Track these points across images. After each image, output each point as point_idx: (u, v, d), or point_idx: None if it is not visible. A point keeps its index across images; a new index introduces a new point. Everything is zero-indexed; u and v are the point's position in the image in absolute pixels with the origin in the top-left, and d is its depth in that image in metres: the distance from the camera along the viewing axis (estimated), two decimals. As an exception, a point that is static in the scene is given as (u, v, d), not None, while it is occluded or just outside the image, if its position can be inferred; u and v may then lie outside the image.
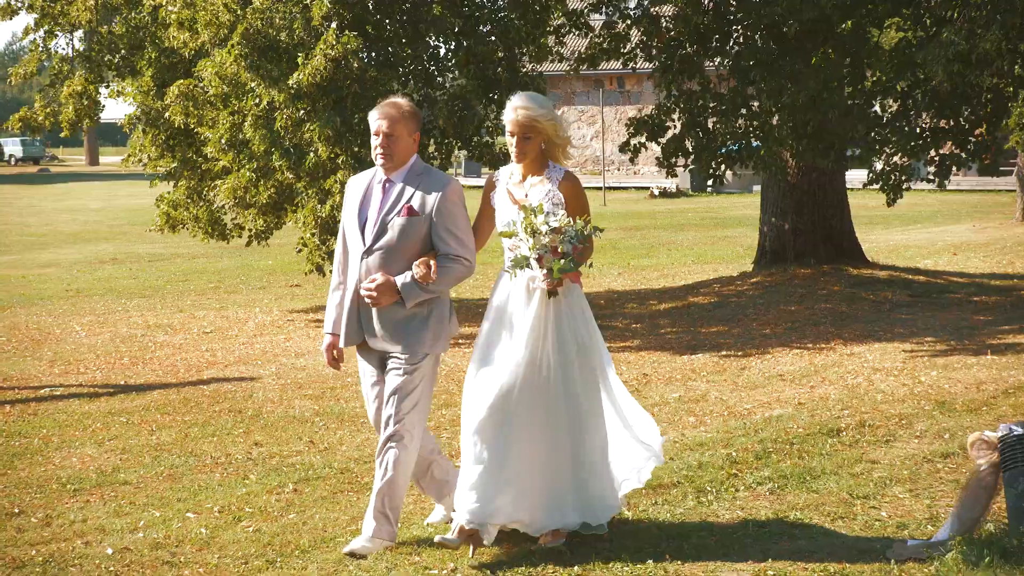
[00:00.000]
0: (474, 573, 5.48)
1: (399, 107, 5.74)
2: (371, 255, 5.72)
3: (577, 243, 5.59)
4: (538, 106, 5.77)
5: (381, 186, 5.77)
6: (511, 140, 5.79)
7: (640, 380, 9.88)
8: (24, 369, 11.31)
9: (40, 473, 7.51)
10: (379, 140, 5.70)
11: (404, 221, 5.68)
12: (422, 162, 5.83)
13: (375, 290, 5.65)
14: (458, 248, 5.72)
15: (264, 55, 11.66)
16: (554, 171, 5.79)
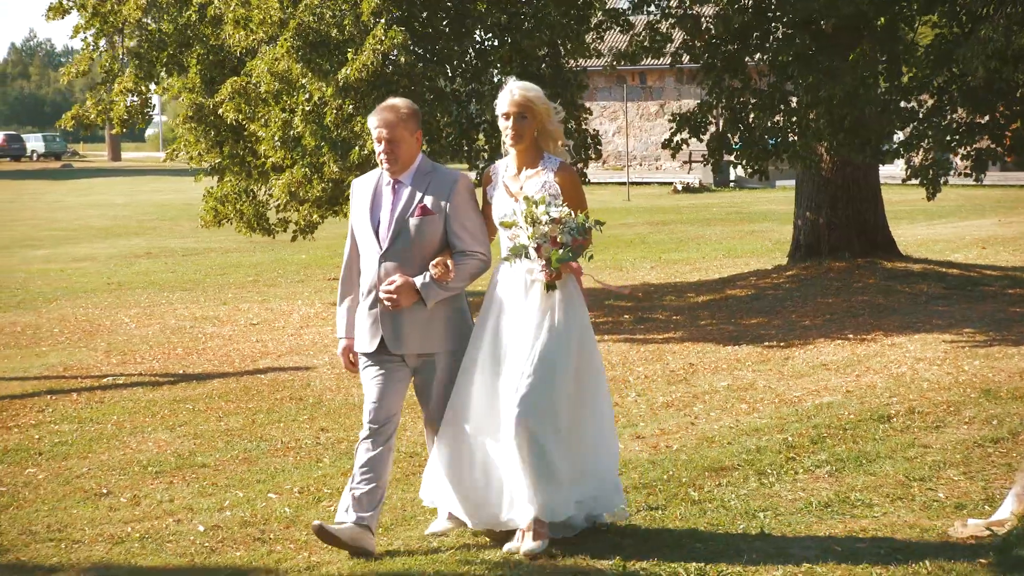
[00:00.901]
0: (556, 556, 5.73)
1: (397, 110, 5.70)
2: (388, 257, 5.68)
3: (577, 235, 5.57)
4: (532, 88, 5.79)
5: (391, 188, 5.74)
6: (506, 123, 5.76)
7: (687, 369, 10.13)
8: (82, 359, 11.59)
9: (120, 456, 7.79)
10: (382, 146, 5.66)
11: (420, 220, 5.66)
12: (428, 160, 5.82)
13: (394, 292, 5.61)
14: (472, 243, 5.73)
15: (315, 50, 11.91)
16: (549, 162, 5.79)
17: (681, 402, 8.88)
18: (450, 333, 5.75)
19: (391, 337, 5.70)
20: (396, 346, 5.70)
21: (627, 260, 18.98)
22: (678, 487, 6.67)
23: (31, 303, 15.85)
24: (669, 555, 5.63)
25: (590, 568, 5.53)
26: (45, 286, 17.72)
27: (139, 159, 70.44)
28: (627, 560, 5.55)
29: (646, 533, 5.95)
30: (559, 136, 5.86)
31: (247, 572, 5.58)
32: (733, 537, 5.86)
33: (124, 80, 13.74)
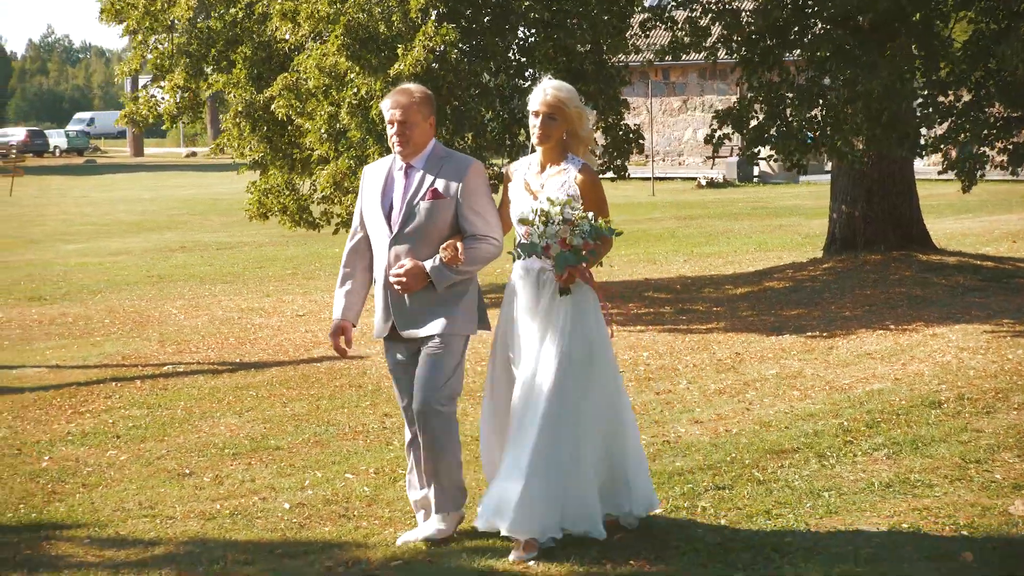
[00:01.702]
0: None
1: (410, 93, 5.70)
2: (399, 241, 5.67)
3: (589, 239, 5.51)
4: (566, 90, 5.74)
5: (403, 172, 5.72)
6: (535, 121, 5.71)
7: (734, 358, 10.35)
8: (137, 349, 11.85)
9: (195, 439, 8.05)
10: (394, 128, 5.65)
11: (430, 204, 5.63)
12: (442, 146, 5.81)
13: (404, 275, 5.61)
14: (484, 228, 5.68)
15: (364, 46, 12.16)
16: (572, 162, 5.76)
17: (733, 389, 9.11)
18: (457, 317, 5.70)
19: (400, 321, 5.71)
20: (405, 329, 5.70)
21: (659, 254, 19.20)
22: (742, 468, 6.91)
23: (76, 295, 16.13)
24: (740, 531, 5.87)
25: (669, 543, 5.76)
26: (87, 279, 18.00)
27: (160, 155, 70.79)
28: (704, 534, 5.80)
29: (716, 510, 6.18)
30: (589, 142, 5.83)
31: (339, 546, 5.83)
32: (801, 514, 6.10)
33: (175, 77, 13.98)
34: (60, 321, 13.77)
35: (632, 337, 11.57)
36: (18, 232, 26.66)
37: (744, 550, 5.62)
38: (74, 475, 7.21)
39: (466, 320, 5.75)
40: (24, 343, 12.38)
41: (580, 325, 5.66)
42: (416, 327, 5.68)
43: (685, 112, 41.79)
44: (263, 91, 13.72)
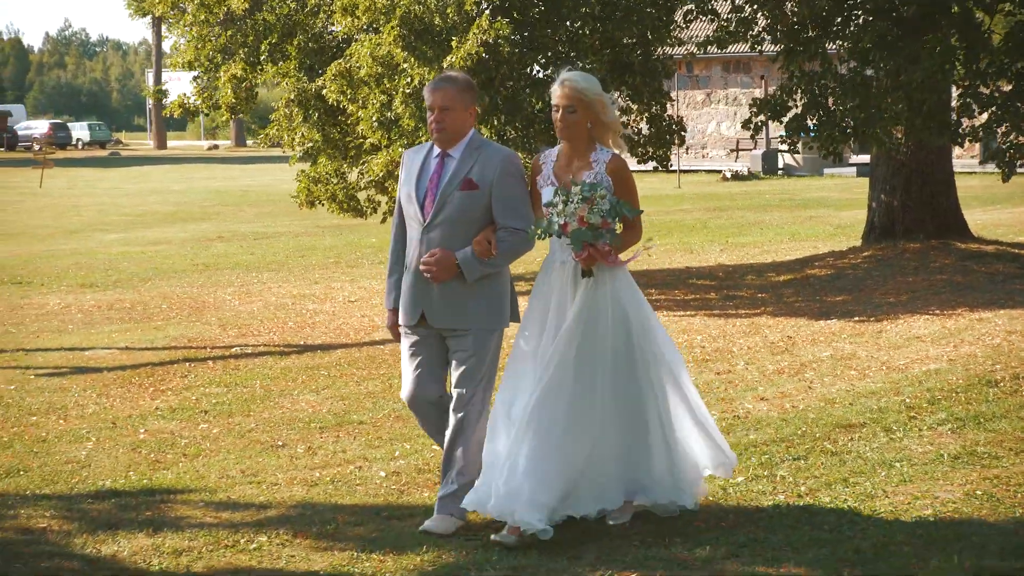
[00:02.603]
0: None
1: (454, 81, 5.73)
2: (432, 230, 5.67)
3: (608, 218, 5.46)
4: (583, 79, 5.69)
5: (439, 160, 5.72)
6: (556, 115, 5.70)
7: (786, 341, 10.63)
8: (200, 332, 12.18)
9: (279, 414, 8.38)
10: (434, 115, 5.66)
11: (464, 195, 5.63)
12: (480, 136, 5.80)
13: (434, 265, 5.61)
14: (517, 221, 5.66)
15: (420, 37, 12.47)
16: (601, 153, 5.71)
17: (791, 369, 9.40)
18: (488, 311, 5.71)
19: (431, 310, 5.70)
20: (435, 319, 5.71)
21: (695, 243, 19.48)
22: (813, 441, 7.21)
23: (127, 282, 16.47)
24: (822, 496, 6.18)
25: (750, 507, 6.07)
26: (133, 267, 18.33)
27: (182, 147, 71.25)
28: (787, 501, 6.10)
29: (795, 478, 6.49)
30: (615, 127, 5.77)
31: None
32: (877, 482, 6.40)
33: (232, 67, 14.30)
34: (117, 307, 14.11)
35: (683, 322, 11.87)
36: (56, 222, 27.03)
37: (828, 513, 5.92)
38: (172, 446, 7.55)
39: (497, 314, 5.75)
40: (87, 327, 12.72)
41: (621, 314, 5.62)
42: (447, 318, 5.70)
43: (709, 105, 42.02)
44: (315, 80, 14.04)
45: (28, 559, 5.51)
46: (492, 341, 5.75)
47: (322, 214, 26.77)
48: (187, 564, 5.43)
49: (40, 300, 14.77)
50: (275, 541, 5.70)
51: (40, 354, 11.04)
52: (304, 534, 5.75)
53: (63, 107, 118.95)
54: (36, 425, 8.20)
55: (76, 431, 7.97)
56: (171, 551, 5.58)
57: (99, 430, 8.00)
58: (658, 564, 5.33)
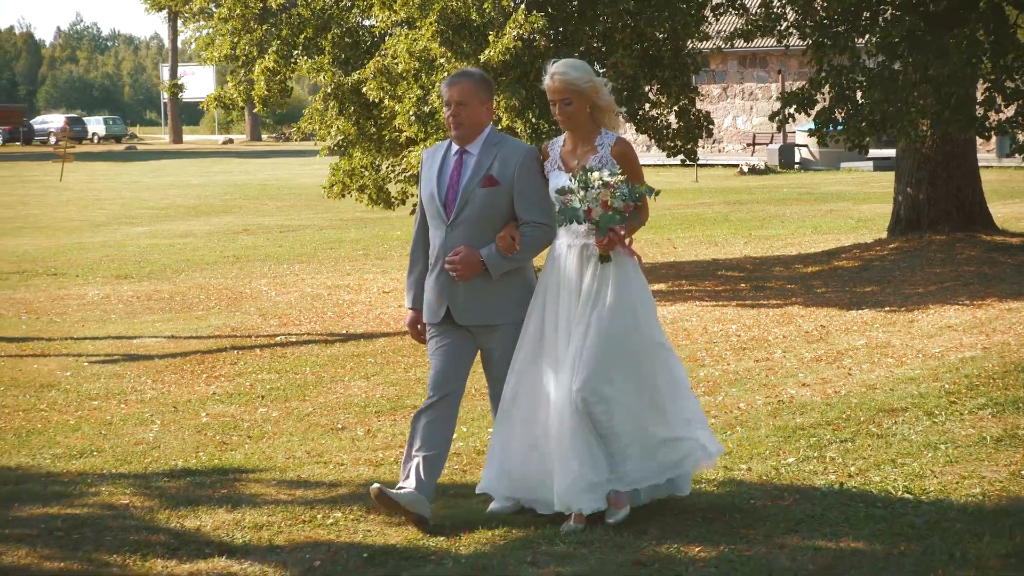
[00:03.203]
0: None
1: (471, 76, 5.75)
2: (455, 228, 5.69)
3: (629, 200, 5.55)
4: (574, 70, 5.69)
5: (458, 157, 5.73)
6: (554, 109, 5.74)
7: (820, 331, 10.85)
8: (241, 322, 12.43)
9: (334, 399, 8.62)
10: (451, 110, 5.67)
11: (486, 192, 5.65)
12: (498, 132, 5.81)
13: (459, 264, 5.62)
14: (539, 215, 5.69)
15: (457, 32, 12.69)
16: (606, 137, 5.75)
17: (828, 357, 9.61)
18: (516, 305, 5.75)
19: (457, 307, 5.72)
20: (462, 316, 5.72)
21: (718, 236, 19.69)
22: (858, 424, 7.42)
23: (161, 273, 16.73)
24: (872, 476, 6.40)
25: (804, 485, 6.29)
26: (164, 259, 18.59)
27: (198, 141, 71.57)
28: (839, 480, 6.33)
29: (844, 459, 6.70)
30: (612, 108, 5.79)
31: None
32: (924, 463, 6.61)
33: (266, 61, 14.53)
34: (156, 297, 14.36)
35: (717, 311, 12.09)
36: (80, 215, 27.31)
37: (879, 492, 6.14)
38: (235, 429, 7.79)
39: (525, 306, 5.77)
40: (129, 317, 12.97)
41: (624, 298, 5.65)
42: (475, 315, 5.72)
43: (725, 100, 42.18)
44: (351, 74, 14.26)
45: (117, 532, 5.74)
46: (517, 333, 5.78)
47: (343, 208, 27.10)
48: (269, 538, 5.66)
49: (78, 291, 15.04)
50: (350, 517, 5.93)
51: (89, 342, 11.30)
52: (377, 511, 5.97)
53: (75, 101, 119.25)
54: (99, 409, 8.46)
55: (139, 415, 8.23)
56: (252, 526, 5.82)
57: (162, 414, 8.25)
58: (721, 539, 5.54)
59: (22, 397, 8.89)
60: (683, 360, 9.49)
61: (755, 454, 6.87)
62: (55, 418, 8.19)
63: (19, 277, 16.61)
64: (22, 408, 8.52)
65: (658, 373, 5.78)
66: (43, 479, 6.68)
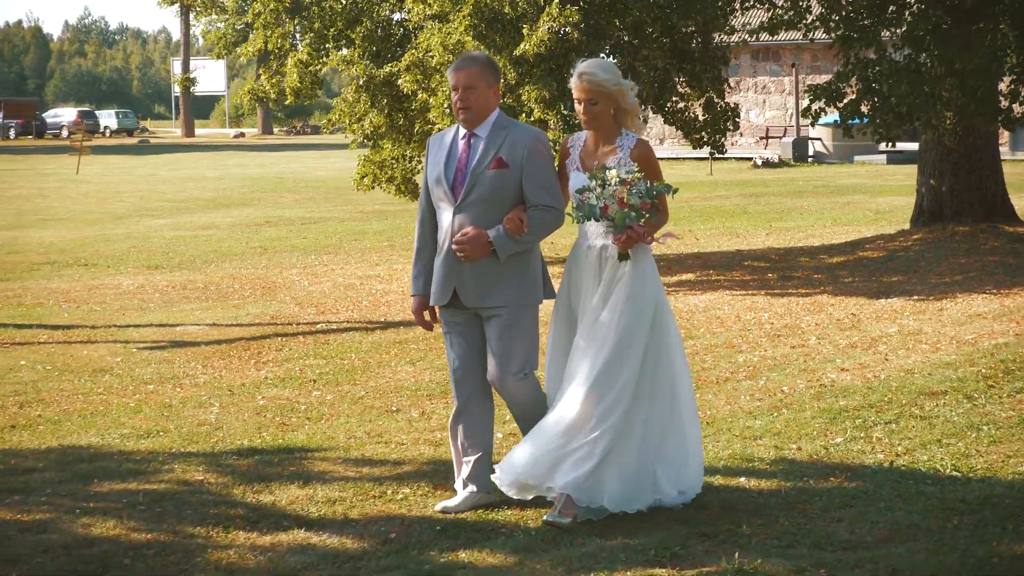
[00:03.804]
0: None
1: (477, 60, 5.76)
2: (463, 210, 5.69)
3: (646, 198, 5.58)
4: (603, 71, 5.73)
5: (466, 141, 5.75)
6: (578, 107, 5.78)
7: (851, 319, 11.05)
8: (279, 311, 12.64)
9: (385, 383, 8.83)
10: (458, 94, 5.69)
11: (495, 174, 5.66)
12: (505, 116, 5.82)
13: (467, 244, 5.63)
14: (548, 199, 5.70)
15: (491, 26, 12.90)
16: (626, 139, 5.79)
17: (863, 343, 9.82)
18: (522, 287, 5.74)
19: (463, 289, 5.73)
20: (468, 298, 5.73)
21: (739, 228, 19.88)
22: (901, 407, 7.63)
23: (191, 264, 16.94)
24: (919, 456, 6.60)
25: (854, 464, 6.50)
26: (191, 250, 18.79)
27: (210, 135, 71.80)
28: (887, 460, 6.54)
29: (890, 440, 6.91)
30: (636, 112, 5.84)
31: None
32: (968, 443, 6.82)
33: (299, 53, 14.74)
34: (190, 287, 14.58)
35: (747, 300, 12.29)
36: (100, 208, 27.54)
37: (928, 470, 6.35)
38: (293, 411, 8.01)
39: (531, 288, 5.78)
40: (167, 305, 13.19)
41: (635, 301, 5.68)
42: (481, 297, 5.72)
43: (738, 93, 42.31)
44: (382, 67, 14.47)
45: (196, 506, 5.97)
46: (527, 316, 5.78)
47: (362, 200, 27.33)
48: (343, 512, 5.89)
49: (112, 281, 15.26)
50: (418, 493, 6.15)
51: (132, 330, 11.52)
52: (443, 487, 6.19)
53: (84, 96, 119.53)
54: (156, 392, 8.68)
55: (197, 398, 8.45)
56: (325, 500, 6.04)
57: (219, 397, 8.47)
58: (778, 513, 5.75)
59: (78, 381, 9.12)
60: (720, 347, 9.81)
61: (803, 435, 7.08)
62: (115, 401, 8.42)
63: (51, 267, 16.84)
64: (80, 392, 8.75)
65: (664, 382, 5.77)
66: (116, 457, 6.91)
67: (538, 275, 5.82)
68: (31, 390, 8.80)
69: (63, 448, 7.14)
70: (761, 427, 7.27)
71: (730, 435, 7.13)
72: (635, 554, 5.29)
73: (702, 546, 5.38)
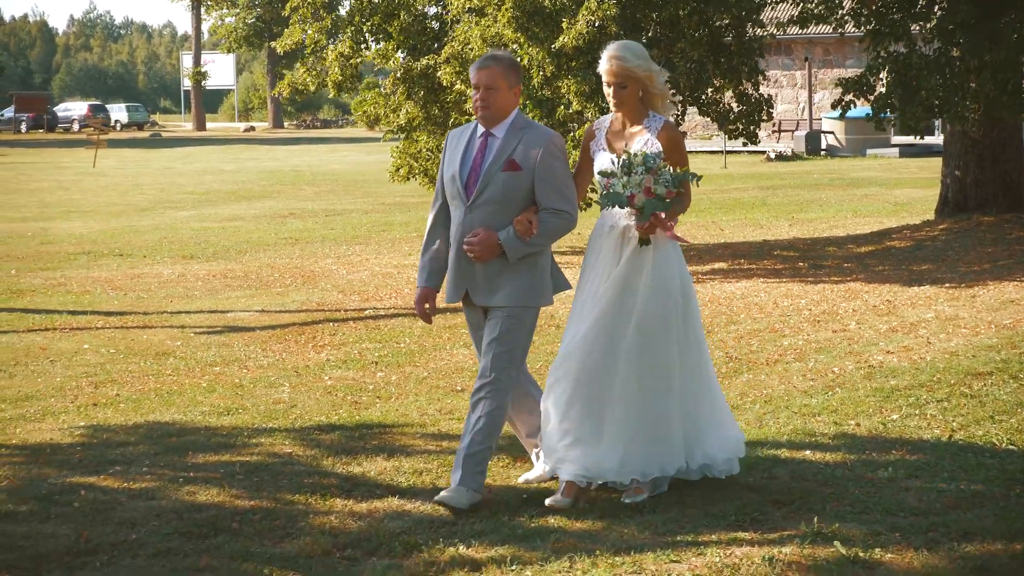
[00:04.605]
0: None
1: (499, 60, 5.75)
2: (474, 210, 5.71)
3: (671, 187, 5.62)
4: (632, 55, 5.77)
5: (482, 140, 5.76)
6: (607, 90, 5.83)
7: (887, 305, 11.33)
8: (324, 298, 12.92)
9: (444, 364, 9.12)
10: (479, 93, 5.70)
11: (507, 175, 5.67)
12: (524, 116, 5.84)
13: (477, 245, 5.66)
14: (560, 202, 5.71)
15: (531, 19, 13.18)
16: (653, 121, 5.83)
17: (903, 328, 10.10)
18: (528, 289, 5.74)
19: (474, 288, 5.78)
20: (477, 296, 5.78)
21: (762, 219, 20.16)
22: (950, 386, 7.91)
23: (225, 254, 17.21)
24: (974, 431, 6.89)
25: (913, 439, 6.79)
26: (222, 240, 19.05)
27: (220, 129, 72.07)
28: (944, 435, 6.83)
29: (944, 417, 7.19)
30: (665, 95, 5.89)
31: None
32: (1020, 419, 7.11)
33: (340, 46, 15.02)
34: (230, 276, 14.86)
35: (783, 287, 12.57)
36: (123, 200, 27.82)
37: (984, 444, 6.63)
38: (362, 391, 8.30)
39: (538, 291, 5.78)
40: (212, 293, 13.47)
41: (663, 281, 5.74)
42: (489, 295, 5.75)
43: (750, 87, 42.61)
44: (419, 59, 14.75)
45: (291, 476, 6.26)
46: (527, 318, 5.79)
47: (383, 193, 27.64)
48: (431, 481, 6.17)
49: (151, 270, 15.54)
50: (499, 464, 6.43)
51: (184, 316, 11.80)
52: (522, 459, 6.47)
53: (90, 90, 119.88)
54: (224, 374, 8.97)
55: (266, 378, 8.74)
56: (411, 471, 6.33)
57: (287, 377, 8.76)
58: (847, 482, 6.04)
59: (144, 364, 9.40)
60: (763, 331, 10.10)
61: (859, 412, 7.37)
62: (186, 381, 8.71)
63: (87, 257, 17.11)
64: (149, 373, 9.04)
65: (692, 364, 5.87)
66: (202, 432, 7.20)
67: (545, 277, 5.82)
68: (101, 371, 9.09)
69: (149, 424, 7.44)
70: (818, 405, 7.55)
71: (789, 412, 7.41)
72: (716, 520, 5.58)
73: (779, 512, 5.66)
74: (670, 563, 5.07)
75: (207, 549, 5.26)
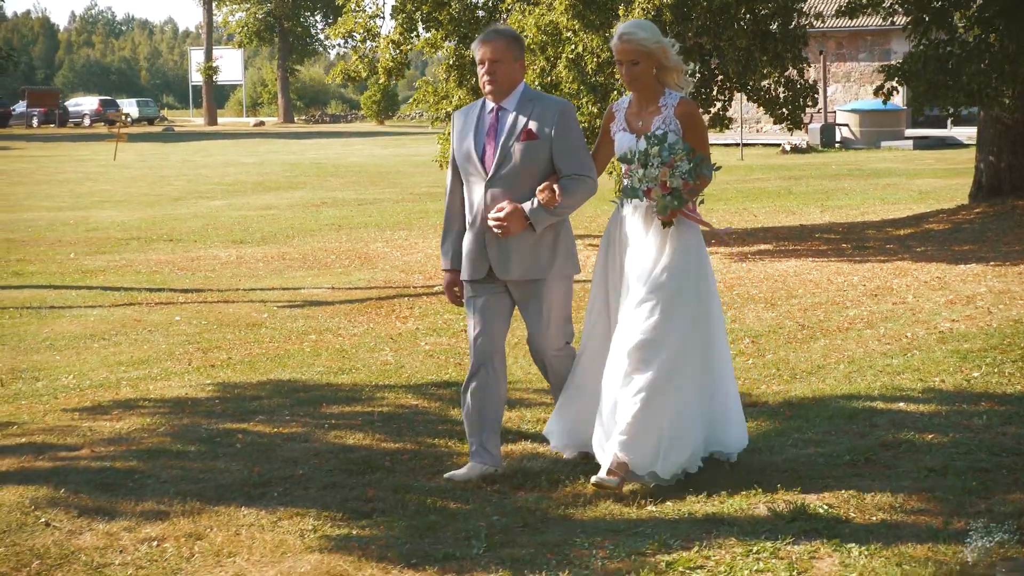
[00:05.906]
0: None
1: (502, 34, 5.74)
2: (495, 183, 5.68)
3: (689, 179, 5.60)
4: (642, 31, 5.73)
5: (494, 115, 5.74)
6: (620, 68, 5.82)
7: (937, 281, 11.77)
8: (388, 276, 13.35)
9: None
10: (485, 68, 5.68)
11: (525, 145, 5.65)
12: (531, 88, 5.85)
13: (504, 219, 5.61)
14: (580, 167, 5.70)
15: (588, 6, 13.62)
16: (670, 98, 5.79)
17: (960, 300, 10.53)
18: (557, 258, 5.76)
19: (499, 264, 5.72)
20: (504, 272, 5.72)
21: (792, 206, 20.59)
22: (1022, 348, 8.34)
23: (274, 239, 17.62)
24: None
25: (1003, 393, 7.23)
26: (266, 227, 19.46)
27: (230, 123, 72.46)
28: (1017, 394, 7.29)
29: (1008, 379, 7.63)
30: (680, 69, 5.82)
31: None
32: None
33: (391, 34, 15.45)
34: (287, 258, 15.28)
35: (832, 266, 13.01)
36: (153, 191, 28.19)
37: (1063, 398, 7.09)
38: (462, 354, 8.73)
39: (566, 261, 5.80)
40: (274, 273, 13.90)
41: (682, 263, 5.69)
42: (517, 270, 5.72)
43: (763, 81, 43.06)
44: (470, 48, 15.18)
45: (424, 424, 6.70)
46: (564, 288, 5.82)
47: (410, 183, 28.08)
48: (557, 429, 6.61)
49: (207, 253, 15.95)
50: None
51: (259, 292, 12.23)
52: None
53: (93, 86, 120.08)
54: (320, 341, 9.40)
55: (365, 344, 9.18)
56: (534, 420, 6.78)
57: (385, 343, 9.20)
58: (947, 428, 6.47)
59: (240, 333, 9.83)
60: (825, 304, 10.54)
61: (941, 371, 7.80)
62: (290, 347, 9.14)
63: (139, 243, 17.52)
64: (249, 341, 9.47)
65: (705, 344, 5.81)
66: (325, 388, 7.64)
67: (572, 246, 5.85)
68: (202, 340, 9.53)
69: (272, 381, 7.88)
70: (900, 365, 8.00)
71: (873, 371, 7.86)
72: (831, 458, 6.02)
73: (889, 453, 6.10)
74: (799, 494, 5.50)
75: (369, 483, 5.71)
